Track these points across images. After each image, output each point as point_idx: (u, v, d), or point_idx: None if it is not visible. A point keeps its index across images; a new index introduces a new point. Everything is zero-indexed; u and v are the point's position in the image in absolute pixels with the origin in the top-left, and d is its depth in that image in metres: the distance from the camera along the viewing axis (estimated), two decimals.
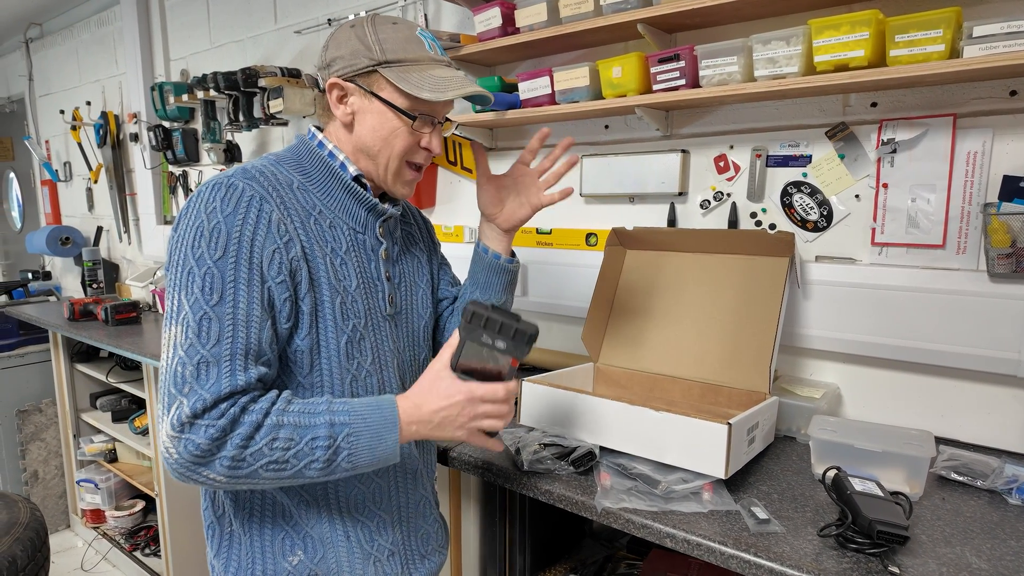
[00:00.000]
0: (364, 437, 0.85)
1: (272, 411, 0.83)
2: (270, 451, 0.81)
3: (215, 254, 0.83)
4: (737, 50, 1.34)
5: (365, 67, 0.92)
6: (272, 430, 0.82)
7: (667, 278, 1.55)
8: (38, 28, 4.02)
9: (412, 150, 0.98)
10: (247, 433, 0.80)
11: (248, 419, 0.81)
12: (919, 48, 1.15)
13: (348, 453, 0.85)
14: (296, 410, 0.84)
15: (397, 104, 0.93)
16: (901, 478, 1.11)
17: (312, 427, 0.83)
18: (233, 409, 0.80)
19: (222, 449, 0.80)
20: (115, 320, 2.62)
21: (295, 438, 0.82)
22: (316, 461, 0.83)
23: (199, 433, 0.79)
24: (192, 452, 0.79)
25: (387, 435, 0.87)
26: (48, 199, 4.11)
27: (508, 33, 1.70)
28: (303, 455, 0.83)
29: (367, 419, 0.86)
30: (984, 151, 1.25)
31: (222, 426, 0.79)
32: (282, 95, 2.25)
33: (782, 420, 1.37)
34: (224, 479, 0.81)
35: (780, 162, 1.49)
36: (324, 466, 0.84)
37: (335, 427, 0.84)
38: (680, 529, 0.99)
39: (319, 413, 0.85)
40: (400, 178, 1.00)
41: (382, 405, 0.88)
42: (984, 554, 0.93)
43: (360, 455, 0.86)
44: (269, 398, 0.84)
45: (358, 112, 0.95)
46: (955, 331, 1.29)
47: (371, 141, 0.96)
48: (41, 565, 1.83)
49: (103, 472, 2.93)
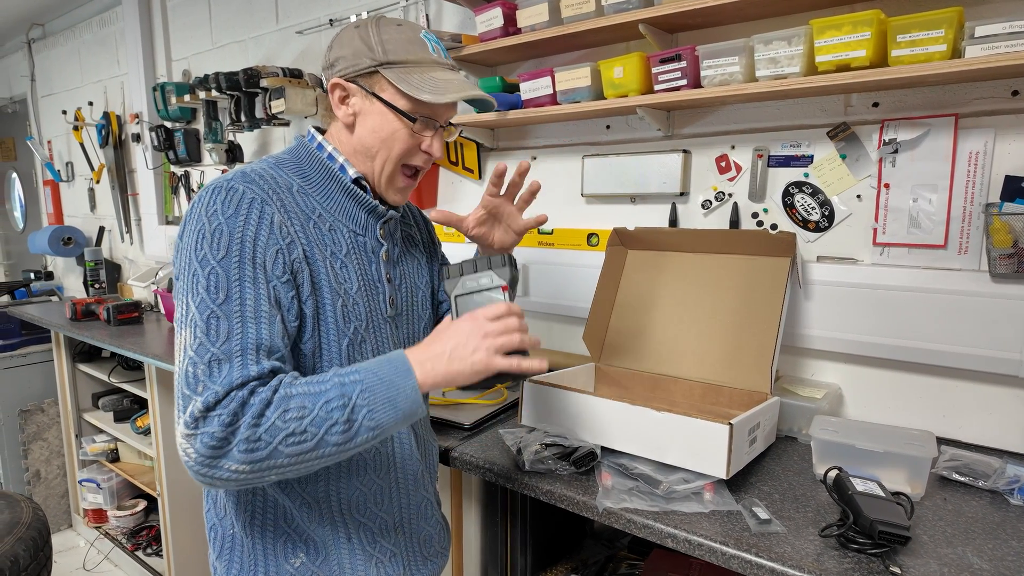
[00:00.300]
0: (380, 389, 0.82)
1: (280, 386, 0.80)
2: (284, 423, 0.78)
3: (218, 254, 0.83)
4: (739, 50, 1.34)
5: (367, 67, 0.92)
6: (282, 402, 0.78)
7: (668, 278, 1.55)
8: (40, 28, 4.02)
9: (411, 152, 0.97)
10: (258, 411, 0.77)
11: (257, 399, 0.78)
12: (921, 48, 1.14)
13: (368, 410, 0.80)
14: (303, 382, 0.82)
15: (398, 106, 0.93)
16: (902, 478, 1.11)
17: (323, 392, 0.80)
18: (242, 392, 0.78)
19: (236, 433, 0.76)
20: (117, 320, 2.63)
21: (307, 405, 0.79)
22: (336, 424, 0.79)
23: (212, 423, 0.76)
24: (207, 444, 0.76)
25: (403, 382, 0.83)
26: (50, 199, 4.12)
27: (510, 33, 1.70)
28: (320, 421, 0.79)
29: (378, 372, 0.83)
30: (986, 151, 1.25)
31: (233, 410, 0.77)
32: (284, 95, 2.25)
33: (783, 420, 1.37)
34: (246, 467, 0.77)
35: (782, 162, 1.49)
36: (345, 428, 0.80)
37: (346, 386, 0.81)
38: (681, 529, 0.99)
39: (327, 379, 0.82)
40: (393, 184, 0.99)
41: (391, 357, 0.86)
42: (986, 554, 0.93)
43: (380, 409, 0.81)
44: (276, 379, 0.82)
45: (359, 113, 0.95)
46: (957, 331, 1.29)
47: (371, 142, 0.95)
48: (43, 564, 1.83)
49: (105, 472, 2.93)
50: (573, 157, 1.83)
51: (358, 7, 2.25)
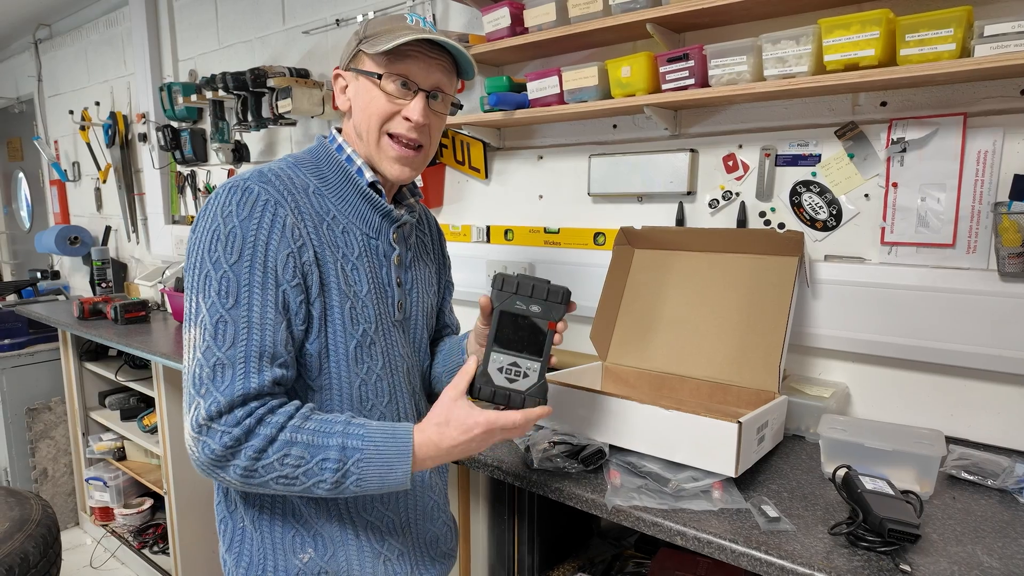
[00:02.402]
0: (374, 465, 0.85)
1: (288, 426, 0.84)
2: (280, 467, 0.83)
3: (231, 258, 0.85)
4: (746, 49, 1.35)
5: (353, 50, 0.96)
6: (284, 446, 0.83)
7: (675, 277, 1.55)
8: (47, 29, 4.04)
9: (390, 118, 0.94)
10: (260, 446, 0.82)
11: (263, 431, 0.82)
12: (930, 47, 1.14)
13: (357, 478, 0.84)
14: (311, 428, 0.84)
15: (368, 69, 0.94)
16: (911, 477, 1.11)
17: (324, 447, 0.83)
18: (249, 420, 0.82)
19: (236, 458, 0.82)
20: (125, 319, 2.64)
21: (306, 456, 0.83)
22: (324, 482, 0.84)
23: (215, 439, 0.81)
24: (209, 455, 0.82)
25: (399, 466, 0.86)
26: (57, 199, 4.14)
27: (517, 33, 1.70)
28: (312, 474, 0.83)
29: (380, 447, 0.85)
30: (995, 150, 1.25)
31: (236, 436, 0.81)
32: (290, 95, 2.26)
33: (791, 419, 1.37)
34: (239, 483, 0.85)
35: (789, 161, 1.49)
36: (332, 487, 0.84)
37: (346, 451, 0.84)
38: (691, 527, 1.00)
39: (334, 433, 0.84)
40: (383, 152, 0.96)
41: (397, 435, 0.87)
42: (995, 553, 0.93)
43: (369, 481, 0.85)
44: (286, 412, 0.85)
45: (352, 96, 0.98)
46: (965, 330, 1.29)
47: (359, 119, 0.96)
48: (53, 562, 1.84)
49: (112, 470, 2.94)
50: (580, 156, 1.83)
51: (364, 7, 2.25)
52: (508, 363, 0.93)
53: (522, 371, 0.93)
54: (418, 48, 0.93)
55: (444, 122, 1.03)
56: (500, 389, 0.92)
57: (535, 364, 0.93)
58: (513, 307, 0.92)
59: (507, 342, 0.93)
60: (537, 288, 0.93)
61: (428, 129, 0.97)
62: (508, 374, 0.92)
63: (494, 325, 0.93)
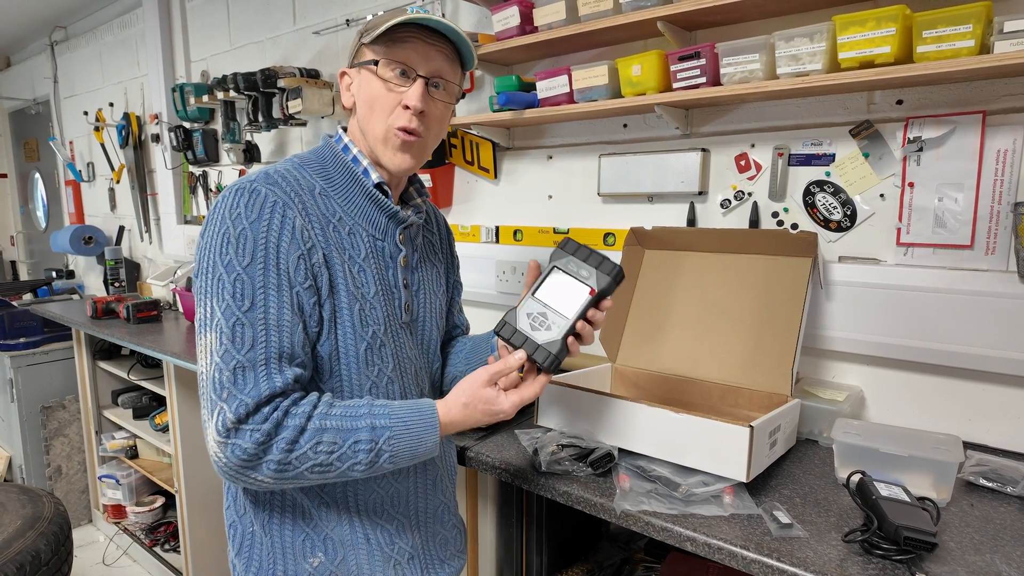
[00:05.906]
0: (405, 439, 0.88)
1: (315, 415, 0.84)
2: (314, 455, 0.83)
3: (243, 261, 0.84)
4: (759, 47, 1.33)
5: (356, 47, 0.96)
6: (316, 434, 0.83)
7: (686, 278, 1.53)
8: (63, 31, 4.09)
9: (392, 110, 0.92)
10: (292, 437, 0.82)
11: (291, 423, 0.83)
12: (947, 44, 1.12)
13: (390, 455, 0.87)
14: (338, 414, 0.86)
15: (367, 58, 0.93)
16: (928, 483, 1.08)
17: (354, 430, 0.85)
18: (276, 414, 0.82)
19: (268, 453, 0.82)
20: (137, 318, 2.66)
21: (338, 441, 0.84)
22: (359, 463, 0.86)
23: (245, 438, 0.81)
24: (240, 457, 0.81)
25: (427, 437, 0.89)
26: (72, 199, 4.18)
27: (526, 32, 1.69)
28: (346, 458, 0.85)
29: (407, 421, 0.88)
30: (1015, 149, 1.22)
31: (267, 430, 0.81)
32: (301, 95, 2.26)
33: (804, 423, 1.35)
34: (271, 480, 0.84)
35: (803, 161, 1.47)
36: (367, 468, 0.86)
37: (376, 430, 0.86)
38: (701, 533, 0.98)
39: (360, 415, 0.86)
40: (389, 144, 0.94)
41: (420, 408, 0.90)
42: (1015, 562, 0.90)
43: (401, 455, 0.88)
44: (310, 401, 0.86)
45: (355, 92, 0.97)
46: (983, 333, 1.26)
47: (363, 114, 0.95)
48: (64, 559, 1.86)
49: (124, 468, 2.97)
50: (590, 156, 1.82)
51: (375, 7, 2.25)
52: (538, 311, 0.95)
53: (548, 323, 0.94)
54: (416, 34, 0.91)
55: (447, 113, 0.99)
56: (518, 332, 0.94)
57: (562, 321, 0.94)
58: (565, 266, 0.96)
59: (546, 293, 0.96)
60: (593, 257, 0.96)
61: (427, 118, 0.94)
62: (534, 321, 0.95)
63: (542, 277, 0.97)
